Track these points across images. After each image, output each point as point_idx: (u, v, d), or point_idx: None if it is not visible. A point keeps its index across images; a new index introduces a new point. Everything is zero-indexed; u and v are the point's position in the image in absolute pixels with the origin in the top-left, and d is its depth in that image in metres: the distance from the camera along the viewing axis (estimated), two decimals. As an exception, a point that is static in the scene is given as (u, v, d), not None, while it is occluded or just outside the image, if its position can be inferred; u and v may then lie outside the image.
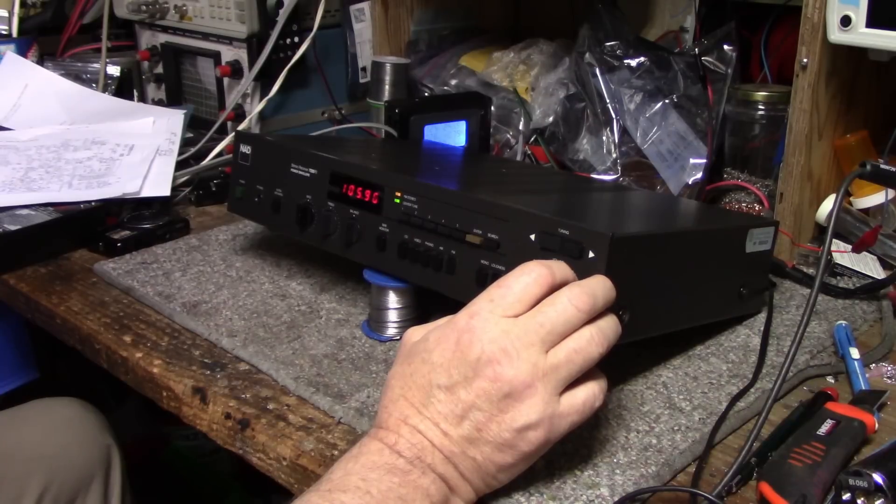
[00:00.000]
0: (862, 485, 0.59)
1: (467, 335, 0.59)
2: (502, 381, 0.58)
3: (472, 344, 0.59)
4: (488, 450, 0.58)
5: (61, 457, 1.05)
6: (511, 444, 0.58)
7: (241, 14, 1.29)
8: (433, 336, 0.61)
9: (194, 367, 0.80)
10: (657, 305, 0.74)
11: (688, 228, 0.86)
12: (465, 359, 0.59)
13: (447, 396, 0.59)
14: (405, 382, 0.61)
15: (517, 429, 0.58)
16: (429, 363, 0.60)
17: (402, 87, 1.33)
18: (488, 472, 0.59)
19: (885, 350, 0.83)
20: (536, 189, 0.95)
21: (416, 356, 0.61)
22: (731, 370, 0.78)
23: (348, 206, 0.85)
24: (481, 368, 0.58)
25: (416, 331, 0.64)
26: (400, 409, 0.60)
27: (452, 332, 0.60)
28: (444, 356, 0.59)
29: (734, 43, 1.13)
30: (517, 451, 0.59)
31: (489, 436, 0.58)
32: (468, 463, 0.59)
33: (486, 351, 0.58)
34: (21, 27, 1.45)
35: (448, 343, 0.60)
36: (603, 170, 1.13)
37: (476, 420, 0.58)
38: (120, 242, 1.03)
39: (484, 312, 0.60)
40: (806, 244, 1.00)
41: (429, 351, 0.60)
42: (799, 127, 0.94)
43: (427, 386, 0.59)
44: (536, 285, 0.60)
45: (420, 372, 0.60)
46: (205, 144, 1.27)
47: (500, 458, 0.59)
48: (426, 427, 0.59)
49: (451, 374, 0.59)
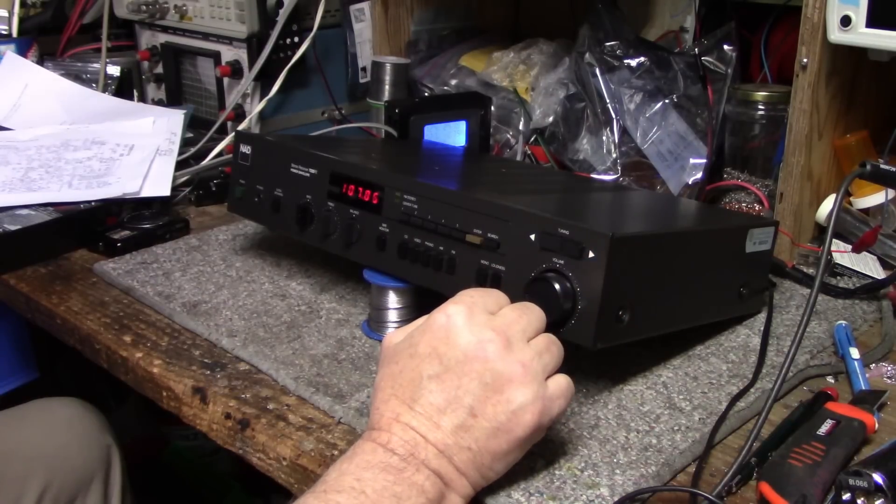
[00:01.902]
0: (862, 485, 0.59)
1: (452, 322, 0.61)
2: (495, 362, 0.59)
3: (460, 331, 0.60)
4: (483, 437, 0.59)
5: (61, 457, 1.05)
6: (506, 427, 0.59)
7: (241, 14, 1.29)
8: (416, 332, 0.62)
9: (194, 367, 0.80)
10: (657, 305, 0.74)
11: (688, 228, 0.86)
12: (455, 345, 0.60)
13: (438, 385, 0.59)
14: (394, 381, 0.61)
15: (513, 410, 0.59)
16: (416, 357, 0.61)
17: (402, 87, 1.33)
18: (483, 462, 0.59)
19: (885, 350, 0.83)
20: (536, 189, 0.95)
21: (401, 354, 0.62)
22: (731, 370, 0.78)
23: (348, 206, 0.85)
24: (472, 352, 0.60)
25: (395, 334, 0.65)
26: (391, 407, 0.60)
27: (435, 324, 0.62)
28: (432, 345, 0.61)
29: (734, 43, 1.13)
30: (511, 436, 0.59)
31: (485, 419, 0.59)
32: (463, 455, 0.59)
33: (475, 336, 0.60)
34: (21, 27, 1.45)
35: (433, 333, 0.61)
36: (603, 170, 1.13)
37: (469, 405, 0.59)
38: (120, 242, 1.03)
39: (465, 306, 0.62)
40: (806, 244, 1.00)
41: (414, 346, 0.61)
42: (799, 127, 0.94)
43: (417, 379, 0.60)
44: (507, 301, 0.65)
45: (408, 367, 0.61)
46: (205, 144, 1.27)
47: (495, 445, 0.59)
48: (418, 423, 0.59)
49: (441, 362, 0.60)
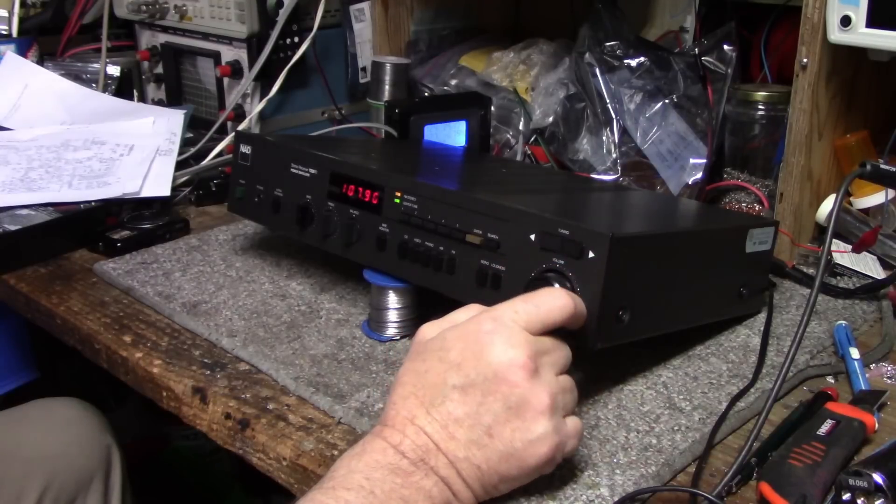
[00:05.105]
0: (862, 485, 0.59)
1: (489, 337, 0.59)
2: (522, 388, 0.58)
3: (494, 346, 0.58)
4: (494, 458, 0.58)
5: (61, 457, 1.05)
6: (520, 454, 0.58)
7: (241, 14, 1.29)
8: (451, 335, 0.60)
9: (194, 367, 0.80)
10: (657, 305, 0.74)
11: (688, 228, 0.86)
12: (485, 360, 0.58)
13: (461, 397, 0.58)
14: (418, 380, 0.59)
15: (531, 439, 0.58)
16: (445, 362, 0.59)
17: (402, 87, 1.33)
18: (490, 481, 0.59)
19: (885, 350, 0.83)
20: (536, 189, 0.95)
21: (431, 353, 0.60)
22: (731, 370, 0.78)
23: (348, 206, 0.85)
24: (501, 371, 0.58)
25: (429, 327, 0.63)
26: (409, 407, 0.59)
27: (473, 332, 0.60)
28: (463, 355, 0.59)
29: (734, 43, 1.13)
30: (523, 464, 0.58)
31: (500, 442, 0.58)
32: (472, 471, 0.58)
33: (508, 356, 0.58)
34: (21, 27, 1.45)
35: (466, 343, 0.59)
36: (603, 170, 1.13)
37: (488, 424, 0.58)
38: (120, 242, 1.03)
39: (507, 320, 0.60)
40: (806, 244, 1.00)
41: (446, 350, 0.60)
42: (799, 127, 0.94)
43: (441, 385, 0.58)
44: (560, 313, 0.62)
45: (435, 370, 0.59)
46: (205, 144, 1.27)
47: (505, 469, 0.58)
48: (433, 429, 0.58)
49: (468, 375, 0.58)
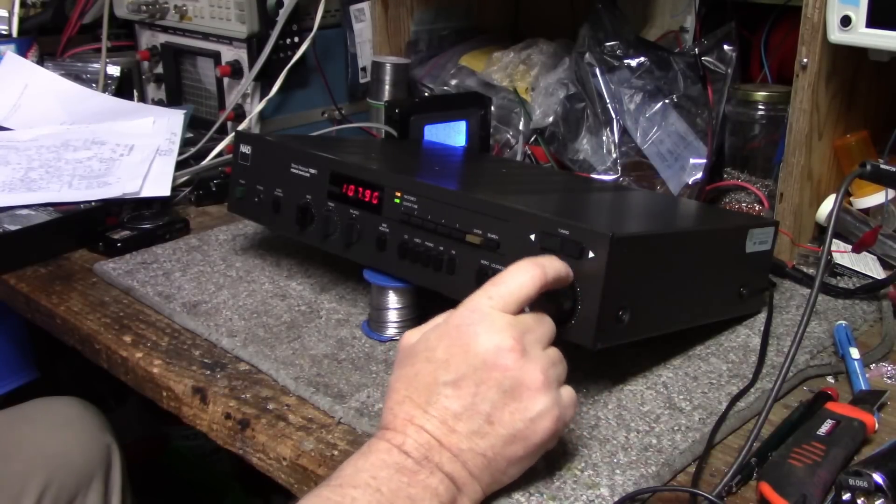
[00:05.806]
0: (862, 485, 0.59)
1: (471, 329, 0.60)
2: (514, 370, 0.59)
3: (478, 336, 0.59)
4: (499, 444, 0.59)
5: (61, 456, 1.05)
6: (523, 434, 0.59)
7: (241, 14, 1.29)
8: (434, 335, 0.61)
9: (194, 367, 0.80)
10: (657, 305, 0.74)
11: (688, 228, 0.86)
12: (472, 351, 0.59)
13: (455, 391, 0.59)
14: (409, 384, 0.60)
15: (531, 417, 0.59)
16: (433, 361, 0.60)
17: (402, 87, 1.33)
18: (498, 468, 0.59)
19: (885, 350, 0.83)
20: (536, 189, 0.95)
21: (417, 356, 0.61)
22: (731, 370, 0.78)
23: (348, 206, 0.85)
24: (490, 359, 0.59)
25: (412, 333, 0.64)
26: (406, 410, 0.60)
27: (454, 328, 0.61)
28: (449, 352, 0.60)
29: (734, 43, 1.13)
30: (528, 443, 0.59)
31: (501, 427, 0.59)
32: (477, 460, 0.59)
33: (493, 342, 0.59)
34: (21, 27, 1.45)
35: (451, 339, 0.60)
36: (603, 170, 1.13)
37: (486, 412, 0.58)
38: (120, 242, 1.03)
39: (484, 307, 0.61)
40: (806, 244, 1.00)
41: (431, 349, 0.61)
42: (799, 127, 0.94)
43: (433, 384, 0.59)
44: (532, 285, 0.62)
45: (424, 371, 0.60)
46: (205, 144, 1.27)
47: (512, 452, 0.59)
48: (433, 426, 0.58)
49: (458, 369, 0.59)
